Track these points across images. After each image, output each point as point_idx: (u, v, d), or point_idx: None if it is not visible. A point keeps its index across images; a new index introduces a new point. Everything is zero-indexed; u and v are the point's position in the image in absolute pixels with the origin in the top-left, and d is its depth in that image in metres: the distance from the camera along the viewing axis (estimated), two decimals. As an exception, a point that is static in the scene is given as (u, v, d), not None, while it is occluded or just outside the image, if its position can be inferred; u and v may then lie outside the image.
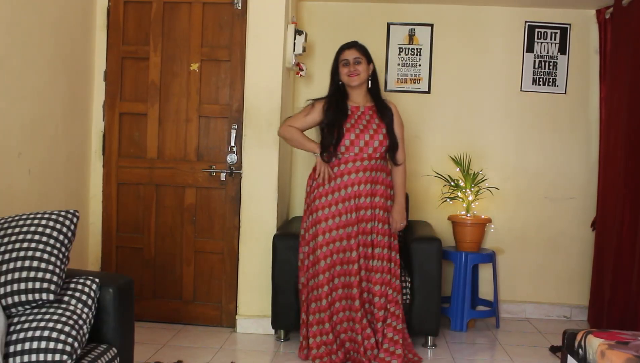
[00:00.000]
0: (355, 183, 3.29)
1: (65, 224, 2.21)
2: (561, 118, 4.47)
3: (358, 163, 3.30)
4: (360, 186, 3.30)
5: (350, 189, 3.29)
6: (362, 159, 3.30)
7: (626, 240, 3.61)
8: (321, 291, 3.27)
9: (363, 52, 3.37)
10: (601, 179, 4.20)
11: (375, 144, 3.29)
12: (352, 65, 3.33)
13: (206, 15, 3.88)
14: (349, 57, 3.34)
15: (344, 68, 3.35)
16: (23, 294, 2.05)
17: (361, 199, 3.31)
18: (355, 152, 3.29)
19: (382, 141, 3.31)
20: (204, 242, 3.92)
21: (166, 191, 3.94)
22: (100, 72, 3.92)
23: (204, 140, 3.92)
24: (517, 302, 4.50)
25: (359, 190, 3.30)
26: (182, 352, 3.41)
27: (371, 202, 3.33)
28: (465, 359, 3.51)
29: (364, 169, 3.30)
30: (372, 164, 3.31)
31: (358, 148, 3.29)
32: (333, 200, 3.31)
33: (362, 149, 3.29)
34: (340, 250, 3.30)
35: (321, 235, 3.29)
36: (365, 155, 3.29)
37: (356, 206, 3.30)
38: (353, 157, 3.30)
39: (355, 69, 3.32)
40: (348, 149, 3.29)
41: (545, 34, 4.46)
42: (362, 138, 3.28)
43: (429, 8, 4.48)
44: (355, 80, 3.32)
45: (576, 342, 2.46)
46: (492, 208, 4.42)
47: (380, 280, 3.29)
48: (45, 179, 3.30)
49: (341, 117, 3.31)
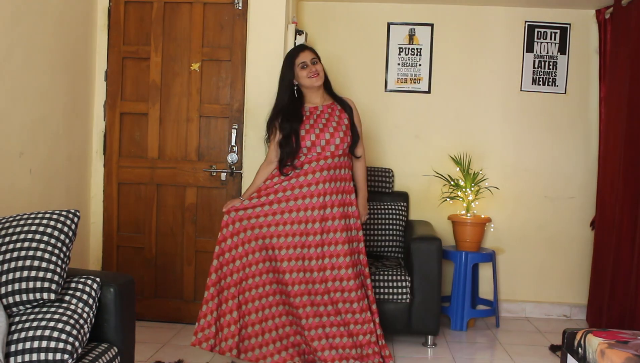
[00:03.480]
0: (320, 182, 3.23)
1: (66, 224, 2.22)
2: (561, 118, 4.48)
3: (322, 162, 3.24)
4: (326, 184, 3.23)
5: (315, 188, 3.22)
6: (325, 158, 3.25)
7: (625, 239, 3.61)
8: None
9: (315, 52, 3.36)
10: (600, 179, 4.20)
11: (336, 141, 3.25)
12: (311, 66, 3.29)
13: (207, 15, 3.89)
14: (306, 59, 3.30)
15: (302, 71, 3.29)
16: (24, 293, 2.06)
17: (327, 198, 3.22)
18: (317, 152, 3.25)
19: (342, 137, 3.26)
20: (204, 242, 3.93)
21: (167, 190, 3.95)
22: (101, 72, 3.93)
23: (205, 140, 3.93)
24: (517, 301, 4.51)
25: (324, 188, 3.23)
26: (183, 351, 3.42)
27: (340, 199, 3.25)
28: (465, 358, 3.52)
29: (327, 168, 3.25)
30: (335, 162, 3.27)
31: (320, 147, 3.25)
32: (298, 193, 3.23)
33: (323, 148, 3.25)
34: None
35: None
36: (328, 153, 3.25)
37: (321, 205, 3.21)
38: (316, 157, 3.25)
39: (315, 69, 3.29)
40: (310, 150, 3.25)
41: (545, 34, 4.46)
42: (322, 137, 3.25)
43: (429, 8, 4.49)
44: (318, 80, 3.30)
45: (576, 341, 2.46)
46: (492, 207, 4.43)
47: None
48: (46, 178, 3.30)
49: (296, 124, 3.26)
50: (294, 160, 3.25)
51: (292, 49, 3.44)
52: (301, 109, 3.33)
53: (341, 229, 3.22)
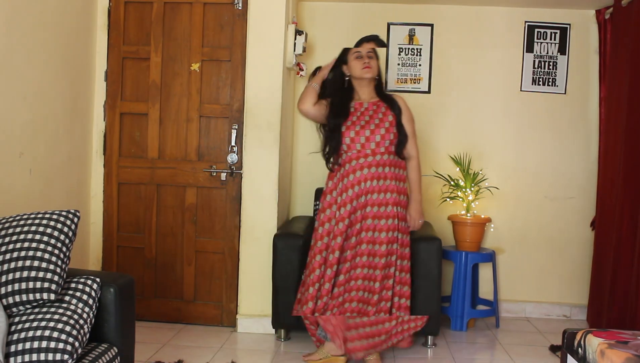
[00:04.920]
0: (362, 181, 3.24)
1: (66, 224, 2.22)
2: (561, 118, 4.48)
3: (362, 160, 3.24)
4: (367, 183, 3.24)
5: (358, 188, 3.24)
6: (366, 156, 3.24)
7: (626, 239, 3.61)
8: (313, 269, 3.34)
9: (378, 46, 3.37)
10: (601, 179, 4.20)
11: (376, 139, 3.24)
12: (365, 58, 3.30)
13: (207, 15, 3.89)
14: (362, 51, 3.32)
15: (356, 61, 3.31)
16: (24, 294, 2.06)
17: (370, 196, 3.24)
18: (357, 149, 3.25)
19: (384, 135, 3.24)
20: (204, 242, 3.93)
21: (167, 190, 3.95)
22: (101, 72, 3.93)
23: (205, 140, 3.93)
24: (517, 302, 4.51)
25: (367, 187, 3.24)
26: (183, 351, 3.42)
27: (383, 199, 3.24)
28: (465, 358, 3.52)
29: (368, 165, 3.24)
30: (377, 160, 3.24)
31: (360, 144, 3.25)
32: (340, 201, 3.29)
33: (363, 146, 3.25)
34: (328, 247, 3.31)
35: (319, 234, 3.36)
36: (368, 151, 3.24)
37: (363, 204, 3.24)
38: (355, 155, 3.26)
39: (369, 62, 3.30)
40: (350, 147, 3.26)
41: (545, 34, 4.46)
42: (362, 134, 3.24)
43: (429, 8, 4.48)
44: (369, 72, 3.29)
45: (576, 342, 2.46)
46: (492, 207, 4.43)
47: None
48: (46, 179, 3.30)
49: (340, 119, 3.29)
50: (338, 157, 3.30)
51: (365, 37, 3.42)
52: (348, 104, 3.33)
53: (373, 229, 3.24)
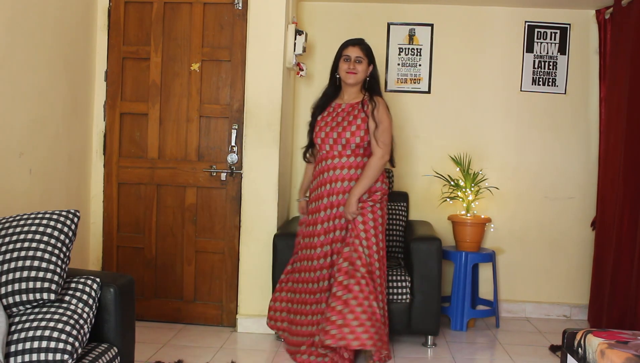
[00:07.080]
0: (333, 181, 3.27)
1: (66, 224, 2.22)
2: (561, 118, 4.48)
3: (329, 161, 3.29)
4: (338, 183, 3.27)
5: (329, 186, 3.28)
6: (333, 157, 3.29)
7: (626, 239, 3.61)
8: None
9: (366, 52, 3.34)
10: (601, 179, 4.20)
11: (342, 141, 3.26)
12: (352, 62, 3.31)
13: (207, 15, 3.89)
14: (351, 54, 3.32)
15: (344, 63, 3.34)
16: (24, 294, 2.06)
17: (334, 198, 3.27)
18: (326, 150, 3.31)
19: (349, 138, 3.25)
20: (204, 242, 3.93)
21: (167, 191, 3.95)
22: (101, 73, 3.93)
23: (205, 140, 3.93)
24: (517, 302, 4.51)
25: (333, 188, 3.27)
26: (183, 351, 3.42)
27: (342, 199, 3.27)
28: (465, 358, 3.52)
29: (333, 167, 3.27)
30: (343, 162, 3.27)
31: (328, 145, 3.30)
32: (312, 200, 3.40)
33: (332, 146, 3.29)
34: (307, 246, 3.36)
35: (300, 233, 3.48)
36: (335, 152, 3.29)
37: (330, 204, 3.28)
38: (324, 156, 3.31)
39: (354, 67, 3.31)
40: (320, 147, 3.34)
41: (545, 34, 4.46)
42: (331, 135, 3.29)
43: (429, 8, 4.48)
44: (351, 78, 3.31)
45: (576, 342, 2.46)
46: (492, 207, 4.43)
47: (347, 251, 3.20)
48: (46, 179, 3.30)
49: (316, 118, 3.40)
50: (313, 152, 3.46)
51: (350, 39, 3.42)
52: (329, 103, 3.40)
53: (326, 219, 3.32)
